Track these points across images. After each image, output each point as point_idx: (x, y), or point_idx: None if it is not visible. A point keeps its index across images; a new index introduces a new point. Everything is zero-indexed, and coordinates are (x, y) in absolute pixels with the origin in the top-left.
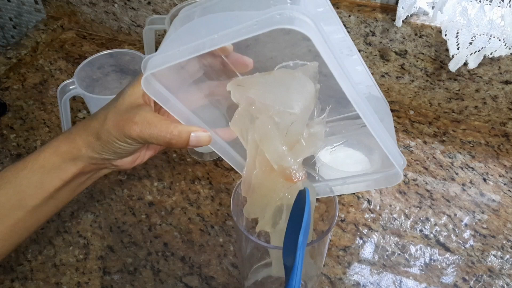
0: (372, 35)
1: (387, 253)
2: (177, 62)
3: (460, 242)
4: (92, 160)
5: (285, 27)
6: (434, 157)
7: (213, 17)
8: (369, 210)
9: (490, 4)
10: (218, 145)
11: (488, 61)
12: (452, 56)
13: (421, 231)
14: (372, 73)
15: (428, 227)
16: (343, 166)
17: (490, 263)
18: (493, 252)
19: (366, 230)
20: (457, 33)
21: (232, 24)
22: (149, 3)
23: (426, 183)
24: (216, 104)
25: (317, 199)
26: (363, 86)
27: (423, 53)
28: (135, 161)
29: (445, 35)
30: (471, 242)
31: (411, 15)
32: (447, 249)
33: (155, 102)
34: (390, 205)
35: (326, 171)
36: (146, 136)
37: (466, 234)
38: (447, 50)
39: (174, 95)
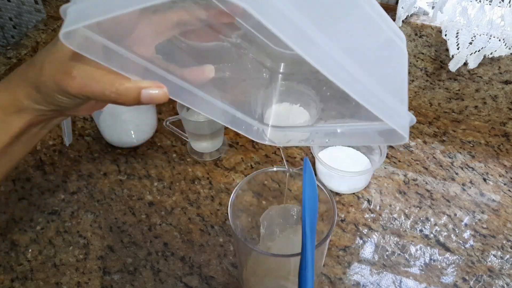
0: None
1: (387, 253)
2: (109, 17)
3: (460, 242)
4: (39, 112)
5: None
6: (434, 157)
7: None
8: (369, 210)
9: (490, 4)
10: (185, 95)
11: (488, 61)
12: (452, 56)
13: (421, 231)
14: None
15: (428, 227)
16: (343, 165)
17: (490, 263)
18: (493, 252)
19: (366, 230)
20: (457, 33)
21: None
22: None
23: (426, 183)
24: (184, 37)
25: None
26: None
27: (423, 53)
28: (93, 108)
29: (445, 35)
30: (471, 242)
31: (411, 15)
32: (447, 249)
33: None
34: (390, 205)
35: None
36: (88, 93)
37: (466, 234)
38: (447, 50)
39: (117, 43)
